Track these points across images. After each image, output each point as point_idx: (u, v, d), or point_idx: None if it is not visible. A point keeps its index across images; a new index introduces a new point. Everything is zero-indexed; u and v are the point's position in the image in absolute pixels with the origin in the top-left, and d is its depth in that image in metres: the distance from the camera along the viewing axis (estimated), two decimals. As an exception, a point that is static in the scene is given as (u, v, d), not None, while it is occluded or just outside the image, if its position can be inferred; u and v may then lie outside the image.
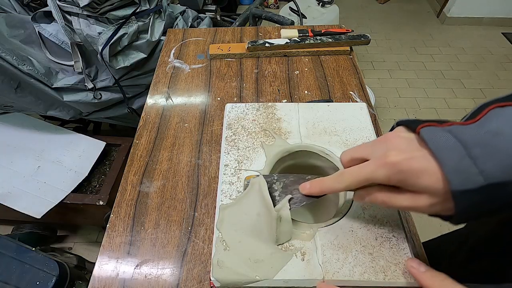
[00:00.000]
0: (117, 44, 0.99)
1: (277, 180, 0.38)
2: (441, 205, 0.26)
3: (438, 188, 0.25)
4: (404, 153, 0.26)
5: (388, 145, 0.28)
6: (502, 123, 0.24)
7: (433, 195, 0.26)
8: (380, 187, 0.30)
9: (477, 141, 0.24)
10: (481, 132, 0.24)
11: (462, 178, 0.23)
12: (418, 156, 0.26)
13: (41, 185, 1.06)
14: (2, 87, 0.92)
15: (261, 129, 0.48)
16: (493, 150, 0.23)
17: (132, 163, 0.58)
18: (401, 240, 0.36)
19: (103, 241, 0.49)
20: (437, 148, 0.25)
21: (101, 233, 1.37)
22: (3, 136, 1.14)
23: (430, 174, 0.25)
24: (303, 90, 0.71)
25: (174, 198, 0.53)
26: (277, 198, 0.37)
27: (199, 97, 0.70)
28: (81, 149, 1.17)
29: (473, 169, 0.23)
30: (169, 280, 0.45)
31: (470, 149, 0.23)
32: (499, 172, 0.22)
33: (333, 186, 0.32)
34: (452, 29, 2.55)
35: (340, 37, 0.79)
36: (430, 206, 0.26)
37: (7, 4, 1.03)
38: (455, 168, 0.23)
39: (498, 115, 0.25)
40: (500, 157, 0.23)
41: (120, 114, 1.22)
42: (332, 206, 0.47)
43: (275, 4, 2.78)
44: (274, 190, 0.37)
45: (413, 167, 0.26)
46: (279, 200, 0.36)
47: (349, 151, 0.32)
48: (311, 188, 0.35)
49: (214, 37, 0.86)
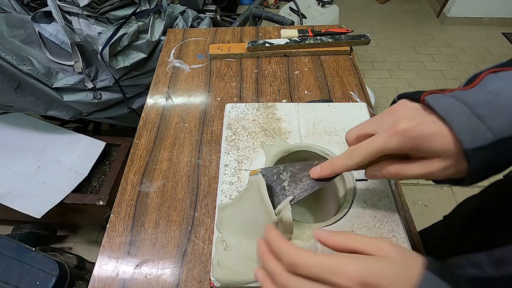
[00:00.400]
0: (117, 44, 0.99)
1: (283, 170, 0.37)
2: (454, 167, 0.26)
3: (450, 149, 0.25)
4: (413, 120, 0.27)
5: (395, 115, 0.28)
6: (500, 84, 0.26)
7: (446, 157, 0.26)
8: (390, 160, 0.30)
9: (481, 101, 0.25)
10: (483, 93, 0.26)
11: (472, 136, 0.24)
12: (428, 121, 0.26)
13: (41, 185, 1.06)
14: (2, 87, 0.92)
15: (261, 129, 0.48)
16: (498, 108, 0.24)
17: (132, 163, 0.58)
18: (401, 240, 0.36)
19: (103, 241, 0.49)
20: (444, 112, 0.26)
21: (101, 233, 1.37)
22: (3, 136, 1.14)
23: (442, 136, 0.26)
24: (303, 90, 0.71)
25: (174, 198, 0.53)
26: (286, 187, 0.36)
27: (199, 97, 0.70)
28: (81, 149, 1.17)
29: (482, 127, 0.24)
30: (169, 280, 0.45)
31: (475, 109, 0.25)
32: (507, 127, 0.24)
33: (345, 164, 0.31)
34: (452, 29, 2.55)
35: (340, 37, 0.79)
36: (444, 169, 0.27)
37: (7, 4, 1.03)
38: (464, 128, 0.24)
39: (494, 79, 0.27)
40: (505, 114, 0.24)
41: (120, 114, 1.22)
42: (332, 206, 0.47)
43: (275, 4, 2.78)
44: (282, 180, 0.37)
45: (424, 132, 0.26)
46: (288, 190, 0.36)
47: (354, 129, 0.32)
48: (322, 171, 0.34)
49: (214, 37, 0.86)
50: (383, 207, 0.39)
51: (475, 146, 0.24)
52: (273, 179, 0.37)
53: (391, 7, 2.87)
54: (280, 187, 0.36)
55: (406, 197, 0.54)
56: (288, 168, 0.37)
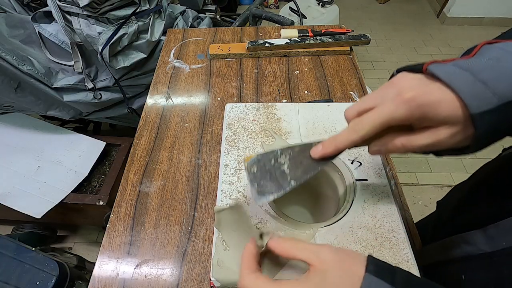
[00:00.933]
0: (117, 44, 0.99)
1: (281, 153, 0.35)
2: (461, 134, 0.26)
3: (458, 115, 0.25)
4: (418, 88, 0.27)
5: (399, 87, 0.28)
6: (499, 52, 0.27)
7: (453, 124, 0.26)
8: (394, 134, 0.29)
9: (483, 67, 0.25)
10: (484, 60, 0.26)
11: (478, 101, 0.24)
12: (433, 89, 0.26)
13: (41, 185, 1.06)
14: (2, 87, 0.92)
15: (261, 129, 0.48)
16: (500, 72, 0.25)
17: (132, 163, 0.58)
18: (401, 240, 0.36)
19: (103, 241, 0.49)
20: (450, 79, 0.26)
21: (101, 233, 1.37)
22: (3, 136, 1.14)
23: (448, 103, 0.26)
24: (303, 90, 0.71)
25: (174, 198, 0.53)
26: (286, 171, 0.34)
27: (199, 97, 0.70)
28: (81, 149, 1.17)
29: (487, 92, 0.24)
30: (169, 280, 0.45)
31: (478, 74, 0.25)
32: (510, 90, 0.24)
33: (349, 138, 0.30)
34: (452, 29, 2.55)
35: (340, 37, 0.79)
36: (451, 136, 0.27)
37: (7, 4, 1.03)
38: (470, 93, 0.25)
39: (491, 48, 0.28)
40: (508, 78, 0.24)
41: (120, 114, 1.22)
42: (332, 206, 0.47)
43: (275, 4, 2.78)
44: (281, 164, 0.35)
45: (431, 99, 0.26)
46: (289, 173, 0.34)
47: (354, 105, 0.30)
48: (324, 149, 0.32)
49: (214, 37, 0.86)
50: (383, 207, 0.39)
51: (481, 110, 0.24)
52: (271, 164, 0.35)
53: (391, 7, 2.87)
54: (280, 171, 0.34)
55: (406, 197, 0.54)
56: (286, 151, 0.35)
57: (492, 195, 0.37)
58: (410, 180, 1.59)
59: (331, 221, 0.39)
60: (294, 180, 0.33)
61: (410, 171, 1.63)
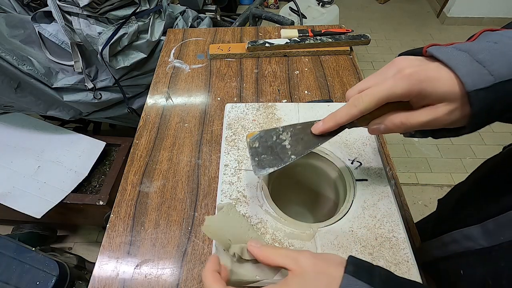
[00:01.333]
0: (117, 44, 0.99)
1: (283, 131, 0.37)
2: (459, 111, 0.28)
3: (455, 92, 0.27)
4: (418, 66, 0.28)
5: (399, 65, 0.29)
6: (498, 36, 0.28)
7: (451, 100, 0.27)
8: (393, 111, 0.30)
9: (481, 48, 0.27)
10: (483, 43, 0.28)
11: (474, 79, 0.26)
12: (432, 67, 0.28)
13: (41, 185, 1.06)
14: (2, 87, 0.92)
15: (261, 129, 0.48)
16: (497, 53, 0.26)
17: (132, 163, 0.58)
18: (401, 240, 0.36)
19: (103, 241, 0.49)
20: (448, 58, 0.27)
21: (101, 233, 1.37)
22: (3, 136, 1.14)
23: (446, 80, 0.27)
24: (303, 90, 0.71)
25: (174, 198, 0.53)
26: (287, 146, 0.36)
27: (199, 97, 0.70)
28: (81, 149, 1.17)
29: (483, 70, 0.26)
30: (169, 280, 0.45)
31: (476, 55, 0.27)
32: (506, 70, 0.25)
33: (349, 112, 0.31)
34: (452, 29, 2.55)
35: (340, 37, 0.79)
36: (449, 113, 0.28)
37: (7, 4, 1.03)
38: (467, 71, 0.26)
39: (491, 34, 0.29)
40: (505, 58, 0.26)
41: (120, 114, 1.22)
42: (332, 206, 0.47)
43: (275, 4, 2.78)
44: (282, 140, 0.36)
45: (430, 76, 0.27)
46: (289, 148, 0.36)
47: (356, 86, 0.32)
48: (324, 124, 0.34)
49: (214, 37, 0.86)
50: (383, 207, 0.39)
51: (477, 87, 0.25)
52: (273, 140, 0.37)
53: (391, 7, 2.87)
54: (281, 146, 0.36)
55: (406, 197, 0.54)
56: (288, 128, 0.37)
57: (493, 191, 0.37)
58: (410, 180, 1.59)
59: (331, 221, 0.39)
60: (294, 155, 0.35)
61: (410, 171, 1.63)
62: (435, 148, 1.71)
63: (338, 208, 0.42)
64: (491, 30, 0.30)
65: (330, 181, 0.46)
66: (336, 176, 0.45)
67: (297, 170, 0.49)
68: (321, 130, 0.34)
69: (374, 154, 0.44)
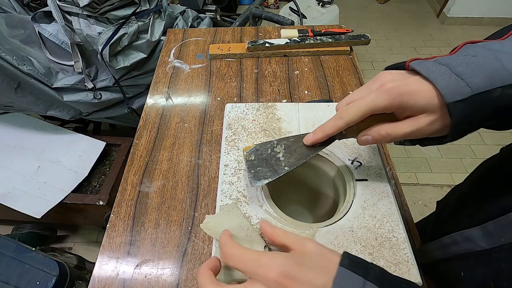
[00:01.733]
0: (117, 44, 0.99)
1: (277, 144, 0.39)
2: (439, 122, 0.29)
3: (434, 103, 0.28)
4: (399, 80, 0.31)
5: (382, 80, 0.32)
6: (477, 49, 0.29)
7: (431, 112, 0.29)
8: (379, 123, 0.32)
9: (459, 62, 0.28)
10: (461, 56, 0.29)
11: (453, 91, 0.27)
12: (413, 80, 0.30)
13: (41, 185, 1.06)
14: (2, 87, 0.92)
15: (261, 129, 0.48)
16: (475, 66, 0.28)
17: (132, 163, 0.58)
18: (401, 240, 0.36)
19: (103, 241, 0.49)
20: (428, 72, 0.29)
21: (101, 233, 1.37)
22: (3, 136, 1.14)
23: (426, 92, 0.29)
24: (303, 90, 0.71)
25: (174, 198, 0.53)
26: (281, 158, 0.38)
27: (199, 97, 0.70)
28: (81, 149, 1.17)
29: (461, 83, 0.27)
30: (169, 280, 0.45)
31: (455, 68, 0.28)
32: (483, 82, 0.27)
33: (336, 124, 0.33)
34: (452, 29, 2.55)
35: (340, 37, 0.79)
36: (431, 123, 0.29)
37: (7, 4, 1.03)
38: (446, 84, 0.28)
39: (471, 46, 0.31)
40: (481, 71, 0.27)
41: (120, 114, 1.22)
42: (332, 206, 0.47)
43: (275, 4, 2.78)
44: (277, 152, 0.39)
45: (410, 89, 0.29)
46: (283, 160, 0.38)
47: (344, 99, 0.35)
48: (315, 135, 0.36)
49: (214, 37, 0.86)
50: (383, 207, 0.39)
51: (456, 99, 0.27)
52: (268, 153, 0.39)
53: (391, 7, 2.87)
54: (275, 159, 0.38)
55: (406, 197, 0.54)
56: (282, 141, 0.39)
57: (492, 191, 0.37)
58: (410, 180, 1.60)
59: (331, 221, 0.39)
60: (287, 167, 0.37)
61: (410, 171, 1.63)
62: (435, 148, 1.71)
63: (338, 208, 0.42)
64: (472, 43, 0.31)
65: (330, 181, 0.46)
66: (336, 176, 0.45)
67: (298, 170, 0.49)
68: (312, 141, 0.36)
69: (374, 154, 0.44)
